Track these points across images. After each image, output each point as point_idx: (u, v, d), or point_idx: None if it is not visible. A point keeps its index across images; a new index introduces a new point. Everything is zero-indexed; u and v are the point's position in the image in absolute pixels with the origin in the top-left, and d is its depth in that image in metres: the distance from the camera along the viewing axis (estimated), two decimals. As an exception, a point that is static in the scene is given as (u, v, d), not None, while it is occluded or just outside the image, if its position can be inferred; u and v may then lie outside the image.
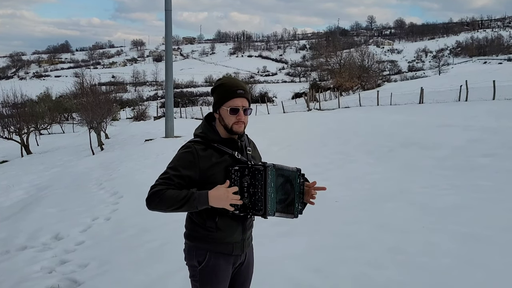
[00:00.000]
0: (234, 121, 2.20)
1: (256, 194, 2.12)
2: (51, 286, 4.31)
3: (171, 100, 20.50)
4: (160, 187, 2.11)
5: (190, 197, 2.06)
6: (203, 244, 2.24)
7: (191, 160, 2.16)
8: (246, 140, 2.39)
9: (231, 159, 2.23)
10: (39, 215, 7.76)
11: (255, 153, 2.44)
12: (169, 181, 2.13)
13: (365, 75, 59.73)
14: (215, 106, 2.28)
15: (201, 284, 2.26)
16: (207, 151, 2.20)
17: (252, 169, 2.14)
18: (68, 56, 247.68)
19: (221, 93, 2.24)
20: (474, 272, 3.74)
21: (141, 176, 10.41)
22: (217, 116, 2.27)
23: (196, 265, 2.26)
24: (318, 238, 4.88)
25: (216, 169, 2.18)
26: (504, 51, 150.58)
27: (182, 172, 2.15)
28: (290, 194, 2.23)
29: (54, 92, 61.95)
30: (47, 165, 17.82)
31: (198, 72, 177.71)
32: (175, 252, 4.91)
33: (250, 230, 2.39)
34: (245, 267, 2.41)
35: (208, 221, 2.20)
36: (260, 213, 2.14)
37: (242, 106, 2.22)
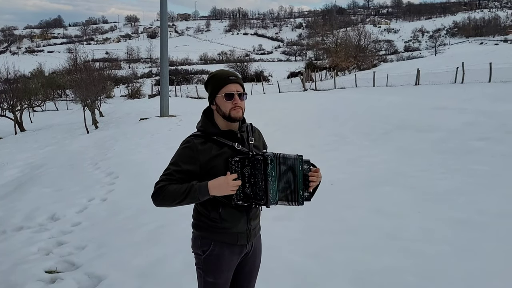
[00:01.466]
0: (231, 107, 2.21)
1: (257, 184, 2.14)
2: (49, 268, 4.33)
3: (166, 79, 20.32)
4: (162, 183, 2.16)
5: (191, 189, 2.09)
6: (208, 234, 2.28)
7: (191, 155, 2.19)
8: (249, 129, 2.40)
9: (231, 151, 2.24)
10: (35, 195, 7.74)
11: (259, 143, 2.43)
12: (170, 176, 2.18)
13: (361, 55, 59.36)
14: (210, 98, 2.30)
15: (205, 272, 2.30)
16: (207, 145, 2.22)
17: (252, 159, 2.15)
18: (61, 31, 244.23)
19: (214, 83, 2.28)
20: (470, 258, 3.79)
21: (136, 156, 10.39)
22: (214, 107, 2.29)
23: (201, 254, 2.30)
24: (315, 223, 4.91)
25: (217, 162, 2.19)
26: (501, 32, 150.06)
27: (183, 167, 2.18)
28: (292, 182, 2.24)
29: (47, 68, 61.10)
30: (41, 143, 17.70)
31: (193, 49, 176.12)
32: (173, 234, 4.94)
33: (256, 220, 2.41)
34: (252, 257, 2.44)
35: (212, 212, 2.23)
36: (262, 202, 2.16)
37: (236, 91, 2.24)
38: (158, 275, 3.93)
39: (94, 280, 3.99)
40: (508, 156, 7.42)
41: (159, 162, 5.72)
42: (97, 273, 4.09)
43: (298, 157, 2.25)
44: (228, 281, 2.36)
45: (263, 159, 2.14)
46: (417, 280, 3.48)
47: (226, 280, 2.34)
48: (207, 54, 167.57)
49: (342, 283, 3.52)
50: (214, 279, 2.29)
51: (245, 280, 2.48)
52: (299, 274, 3.73)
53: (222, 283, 2.32)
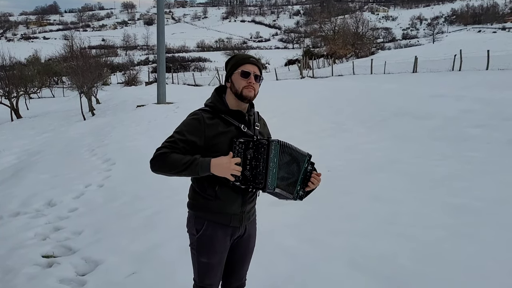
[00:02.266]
0: (245, 85, 2.23)
1: (258, 167, 2.14)
2: (46, 253, 4.34)
3: (163, 66, 20.21)
4: (165, 150, 2.15)
5: (193, 162, 2.09)
6: (202, 213, 2.28)
7: (197, 127, 2.19)
8: (256, 116, 2.42)
9: (237, 131, 2.24)
10: (32, 181, 7.73)
11: (263, 130, 2.45)
12: (174, 144, 2.16)
13: (359, 42, 59.16)
14: (227, 75, 2.33)
15: (198, 252, 2.32)
16: (214, 120, 2.22)
17: (256, 143, 2.16)
18: (57, 17, 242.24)
19: (234, 61, 2.30)
20: (466, 244, 3.81)
21: (133, 143, 10.37)
22: (229, 85, 2.30)
23: (195, 233, 2.31)
24: (311, 208, 4.92)
25: (222, 139, 2.20)
26: (499, 20, 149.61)
27: (187, 137, 2.17)
28: (294, 175, 2.26)
29: (43, 55, 60.68)
30: (38, 130, 17.66)
31: (190, 36, 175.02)
32: (169, 220, 4.95)
33: (252, 204, 2.41)
34: (245, 240, 2.44)
35: (208, 189, 2.23)
36: (260, 186, 2.16)
37: (253, 71, 2.25)
38: (154, 260, 3.94)
39: (91, 265, 4.00)
40: (504, 143, 7.43)
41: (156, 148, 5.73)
42: (94, 257, 4.10)
43: (308, 155, 2.29)
44: (221, 262, 2.37)
45: (268, 144, 2.15)
46: (414, 264, 3.50)
47: (219, 261, 2.34)
48: (204, 41, 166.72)
49: (339, 268, 3.54)
50: (208, 259, 2.31)
51: (238, 263, 2.49)
52: (296, 259, 3.74)
53: (216, 263, 2.33)
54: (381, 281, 3.30)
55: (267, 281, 3.37)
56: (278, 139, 2.19)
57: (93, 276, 3.76)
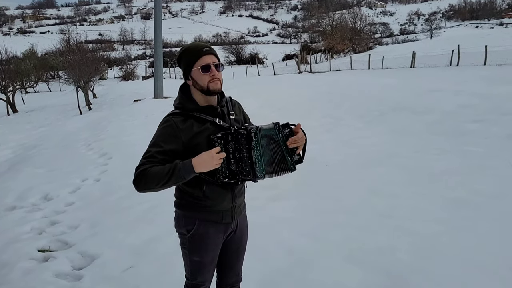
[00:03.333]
0: (209, 80, 2.11)
1: (243, 159, 2.07)
2: (41, 247, 4.30)
3: (161, 60, 20.09)
4: (144, 167, 2.03)
5: (175, 169, 1.98)
6: (191, 213, 2.21)
7: (172, 133, 2.09)
8: (229, 104, 2.31)
9: (213, 127, 2.15)
10: (28, 175, 7.69)
11: (239, 116, 2.34)
12: (152, 159, 2.06)
13: (357, 37, 59.05)
14: (185, 73, 2.19)
15: (190, 252, 2.25)
16: (187, 122, 2.12)
17: (235, 134, 2.08)
18: (53, 12, 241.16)
19: (187, 56, 2.16)
20: (464, 238, 3.79)
21: (130, 137, 10.32)
22: (191, 82, 2.19)
23: (185, 233, 2.24)
24: (309, 202, 4.90)
25: (199, 139, 2.10)
26: (497, 16, 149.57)
27: (164, 147, 2.07)
28: (277, 152, 2.16)
29: (39, 49, 60.35)
30: (34, 124, 17.57)
31: (187, 31, 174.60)
32: (166, 214, 4.91)
33: (241, 197, 2.34)
34: (238, 235, 2.38)
35: (195, 190, 2.15)
36: (249, 177, 2.09)
37: (212, 62, 2.13)
38: (151, 254, 3.92)
39: (87, 259, 3.97)
40: (502, 138, 7.42)
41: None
42: (90, 252, 4.08)
43: (275, 125, 2.17)
44: (214, 260, 2.32)
45: (247, 133, 2.08)
46: (412, 258, 3.48)
47: (212, 259, 2.29)
48: (202, 36, 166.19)
49: (337, 262, 3.51)
50: (200, 258, 2.25)
51: (233, 258, 2.44)
52: (293, 253, 3.72)
53: (208, 261, 2.28)
54: (379, 274, 3.28)
55: (265, 276, 3.34)
56: (256, 126, 2.12)
57: (89, 270, 3.74)
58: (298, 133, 2.20)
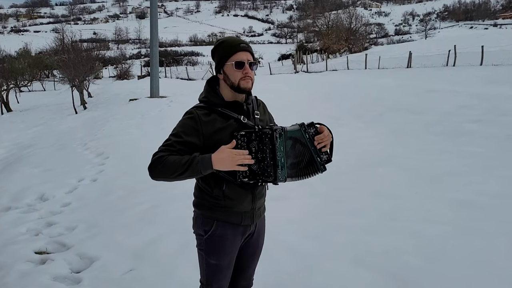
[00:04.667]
0: (241, 77, 2.04)
1: (265, 160, 1.98)
2: (38, 249, 4.20)
3: (156, 59, 19.97)
4: (162, 153, 1.97)
5: (193, 161, 1.91)
6: (210, 213, 2.12)
7: (194, 126, 2.02)
8: (254, 102, 2.22)
9: (237, 124, 2.06)
10: (23, 175, 7.56)
11: (264, 117, 2.26)
12: (171, 147, 2.00)
13: (352, 37, 59.12)
14: (218, 66, 2.11)
15: (207, 254, 2.15)
16: (211, 116, 2.05)
17: (259, 134, 1.99)
18: (48, 10, 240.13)
19: (223, 50, 2.08)
20: (472, 239, 3.73)
21: (126, 137, 10.21)
22: (222, 76, 2.10)
23: (203, 234, 2.15)
24: (312, 203, 4.83)
25: (222, 135, 2.02)
26: (491, 16, 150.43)
27: (184, 139, 2.01)
28: (305, 154, 2.05)
29: (33, 48, 60.06)
30: (28, 123, 17.39)
31: (182, 30, 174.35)
32: (166, 215, 4.84)
33: (262, 199, 2.25)
34: (255, 238, 2.29)
35: (215, 189, 2.07)
36: (270, 179, 2.00)
37: (247, 59, 2.05)
38: (152, 256, 3.82)
39: (86, 261, 3.87)
40: (502, 138, 7.40)
41: (150, 142, 5.57)
42: (89, 254, 3.97)
43: (300, 126, 2.06)
44: (231, 263, 2.22)
45: (271, 133, 1.98)
46: (419, 261, 3.41)
47: (229, 262, 2.19)
48: (197, 35, 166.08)
49: (343, 264, 3.44)
50: (217, 261, 2.15)
51: (248, 262, 2.34)
52: (298, 255, 3.64)
53: (226, 265, 2.18)
54: (387, 278, 3.21)
55: (270, 278, 3.26)
56: (281, 127, 2.03)
57: (88, 273, 3.63)
58: (324, 131, 2.10)
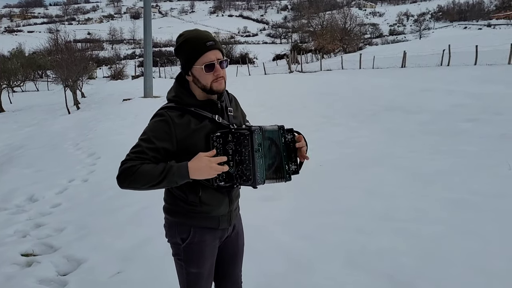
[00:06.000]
0: (213, 79, 1.88)
1: (244, 162, 1.84)
2: (25, 251, 4.10)
3: (150, 59, 19.87)
4: (133, 163, 1.80)
5: (169, 171, 1.77)
6: (186, 220, 1.98)
7: (166, 130, 1.86)
8: (226, 99, 2.07)
9: (211, 125, 1.92)
10: (13, 176, 7.47)
11: (237, 113, 2.13)
12: (142, 155, 1.83)
13: (347, 38, 59.22)
14: (185, 67, 1.93)
15: (187, 263, 2.02)
16: (184, 118, 1.89)
17: (236, 134, 1.85)
18: (41, 10, 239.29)
19: (188, 50, 1.89)
20: (466, 239, 3.67)
21: (119, 137, 10.11)
22: (191, 78, 1.93)
23: (180, 243, 2.01)
24: (304, 203, 4.76)
25: (196, 137, 1.88)
26: (484, 17, 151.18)
27: (157, 144, 1.85)
28: (276, 157, 1.94)
29: (27, 48, 59.59)
30: (21, 123, 17.25)
31: (177, 31, 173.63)
32: (156, 216, 4.70)
33: (237, 200, 2.15)
34: (234, 238, 2.19)
35: (190, 195, 1.93)
36: (249, 183, 1.86)
37: (216, 59, 1.88)
38: (141, 258, 3.73)
39: (73, 264, 3.78)
40: (496, 138, 7.37)
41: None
42: (77, 256, 3.88)
43: (279, 128, 1.94)
44: (212, 269, 2.11)
45: (250, 134, 1.82)
46: (414, 261, 3.35)
47: (210, 268, 2.08)
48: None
49: (337, 265, 3.37)
50: (198, 269, 2.03)
51: (230, 265, 2.23)
52: (291, 256, 3.57)
53: (207, 272, 2.06)
54: (382, 279, 3.14)
55: (260, 279, 3.19)
56: (259, 126, 1.89)
57: (75, 276, 3.54)
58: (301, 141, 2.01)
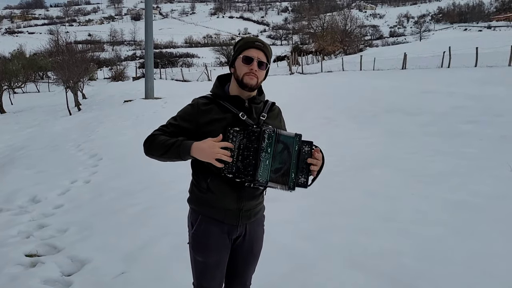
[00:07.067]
0: (246, 71, 2.05)
1: (248, 158, 1.92)
2: (29, 252, 4.12)
3: (151, 60, 19.90)
4: (155, 132, 2.11)
5: (175, 143, 1.99)
6: (196, 206, 2.17)
7: (191, 113, 2.11)
8: (266, 106, 2.22)
9: (233, 119, 2.05)
10: (15, 177, 7.49)
11: (273, 122, 2.21)
12: (165, 128, 2.13)
13: (347, 39, 59.27)
14: (232, 60, 2.18)
15: (193, 249, 2.18)
16: (209, 106, 2.10)
17: (248, 131, 1.94)
18: (42, 12, 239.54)
19: (239, 45, 2.14)
20: (468, 240, 3.69)
21: (120, 138, 10.15)
22: (233, 70, 2.15)
23: (190, 228, 2.21)
24: (306, 204, 4.78)
25: (215, 126, 2.03)
26: (485, 19, 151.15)
27: (179, 122, 2.11)
28: (286, 163, 1.98)
29: (28, 49, 59.70)
30: (22, 124, 17.29)
31: (177, 32, 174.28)
32: (160, 216, 4.78)
33: (253, 201, 2.17)
34: (248, 242, 2.23)
35: (202, 181, 2.11)
36: (248, 178, 1.93)
37: (257, 57, 2.06)
38: (145, 259, 3.75)
39: (77, 264, 3.80)
40: (496, 139, 7.40)
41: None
42: (80, 256, 3.90)
43: (296, 135, 1.98)
44: (219, 264, 2.16)
45: (259, 132, 1.91)
46: (416, 262, 3.37)
47: (217, 262, 2.15)
48: (192, 37, 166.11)
49: (339, 266, 3.39)
50: (203, 259, 2.14)
51: (240, 267, 2.29)
52: (293, 257, 3.59)
53: (213, 265, 2.14)
54: (383, 279, 3.16)
55: (264, 280, 3.20)
56: (274, 128, 1.96)
57: (79, 276, 3.56)
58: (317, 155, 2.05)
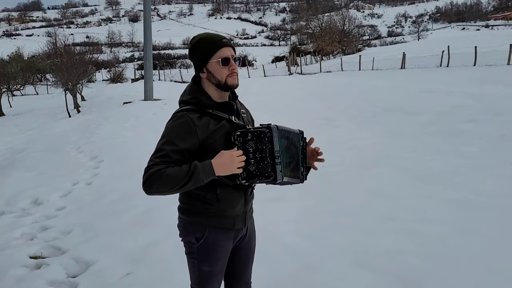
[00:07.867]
0: (228, 73, 1.94)
1: (265, 160, 1.91)
2: (33, 254, 4.13)
3: (150, 62, 19.90)
4: (158, 167, 1.82)
5: (195, 170, 1.80)
6: (202, 219, 2.02)
7: (189, 131, 1.88)
8: (238, 102, 2.17)
9: (229, 125, 1.99)
10: (17, 179, 7.49)
11: (248, 116, 2.23)
12: (167, 158, 1.85)
13: (346, 39, 59.32)
14: (200, 65, 1.99)
15: (200, 261, 2.07)
16: (203, 119, 1.93)
17: (256, 133, 1.92)
18: (40, 14, 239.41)
19: (204, 47, 1.97)
20: (471, 239, 3.71)
21: (121, 140, 10.15)
22: (205, 75, 1.99)
23: (194, 242, 2.05)
24: (309, 204, 4.80)
25: (215, 137, 1.93)
26: (482, 18, 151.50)
27: (180, 146, 1.87)
28: (294, 157, 2.06)
29: (26, 52, 59.52)
30: (22, 127, 17.29)
31: (175, 33, 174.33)
32: (163, 217, 4.78)
33: (252, 201, 2.20)
34: (247, 241, 2.24)
35: (208, 193, 1.96)
36: (270, 179, 1.92)
37: (231, 55, 1.96)
38: (149, 259, 3.77)
39: (82, 265, 3.81)
40: (497, 138, 7.41)
41: (145, 145, 5.51)
42: (85, 258, 3.91)
43: (300, 132, 2.09)
44: (224, 267, 2.16)
45: (270, 131, 1.90)
46: (421, 261, 3.38)
47: (222, 267, 2.14)
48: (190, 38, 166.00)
49: (344, 265, 3.40)
50: (210, 267, 2.08)
51: (242, 266, 2.29)
52: (298, 257, 3.60)
53: (218, 270, 2.13)
54: (389, 278, 3.17)
55: (270, 280, 3.22)
56: (276, 125, 1.97)
57: (84, 277, 3.57)
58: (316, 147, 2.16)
